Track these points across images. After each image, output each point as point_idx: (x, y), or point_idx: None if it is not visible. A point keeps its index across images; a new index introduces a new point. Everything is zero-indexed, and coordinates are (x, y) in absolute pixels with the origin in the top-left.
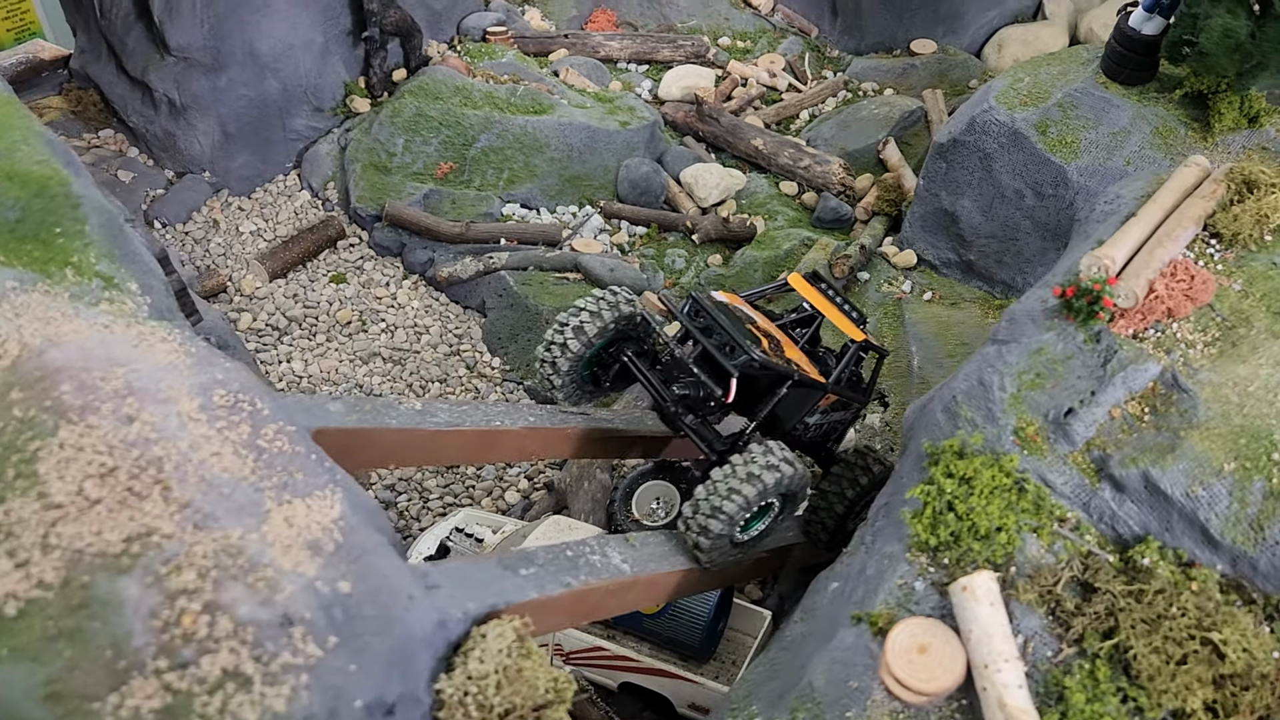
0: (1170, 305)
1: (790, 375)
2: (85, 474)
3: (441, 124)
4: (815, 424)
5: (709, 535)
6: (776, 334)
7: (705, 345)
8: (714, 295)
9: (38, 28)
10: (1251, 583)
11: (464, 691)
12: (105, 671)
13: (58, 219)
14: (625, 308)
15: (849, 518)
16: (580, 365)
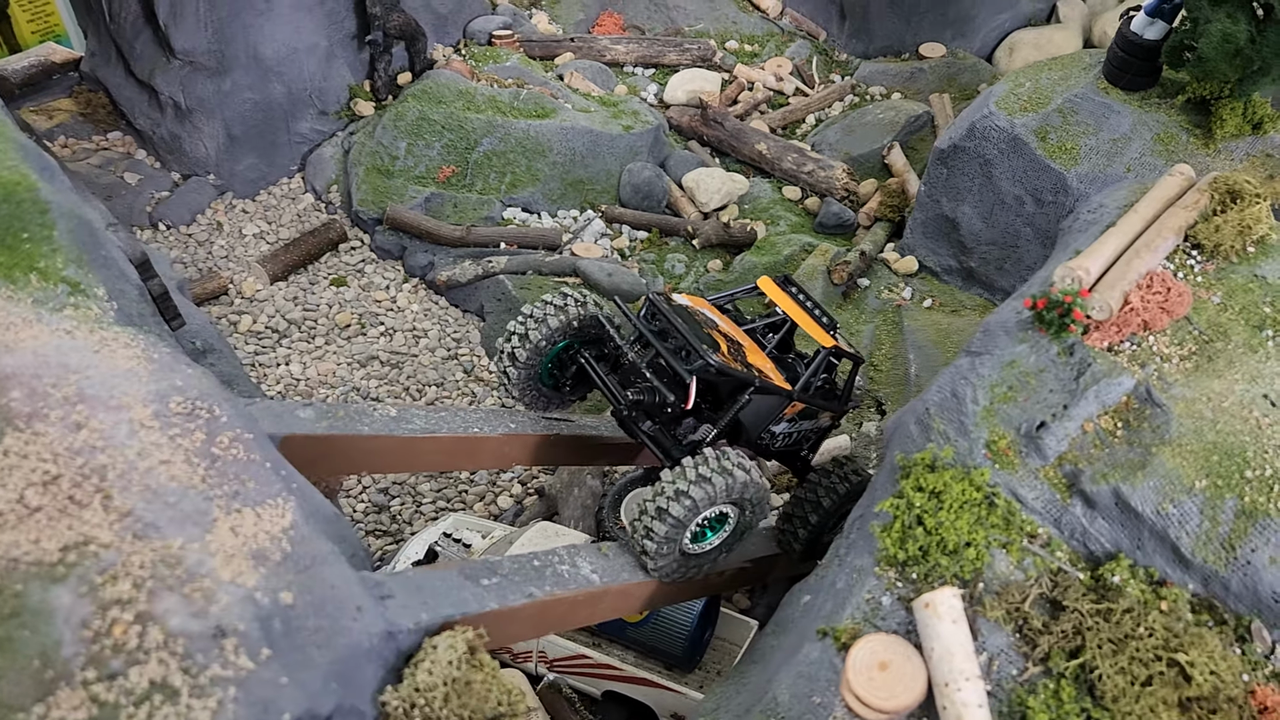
0: (1146, 318)
1: (751, 382)
2: (27, 481)
3: (444, 128)
4: (784, 433)
5: (654, 539)
6: (741, 339)
7: (659, 349)
8: (674, 298)
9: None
10: (1223, 603)
11: (410, 704)
12: (32, 681)
13: (25, 224)
14: (591, 308)
15: (824, 529)
16: (540, 362)
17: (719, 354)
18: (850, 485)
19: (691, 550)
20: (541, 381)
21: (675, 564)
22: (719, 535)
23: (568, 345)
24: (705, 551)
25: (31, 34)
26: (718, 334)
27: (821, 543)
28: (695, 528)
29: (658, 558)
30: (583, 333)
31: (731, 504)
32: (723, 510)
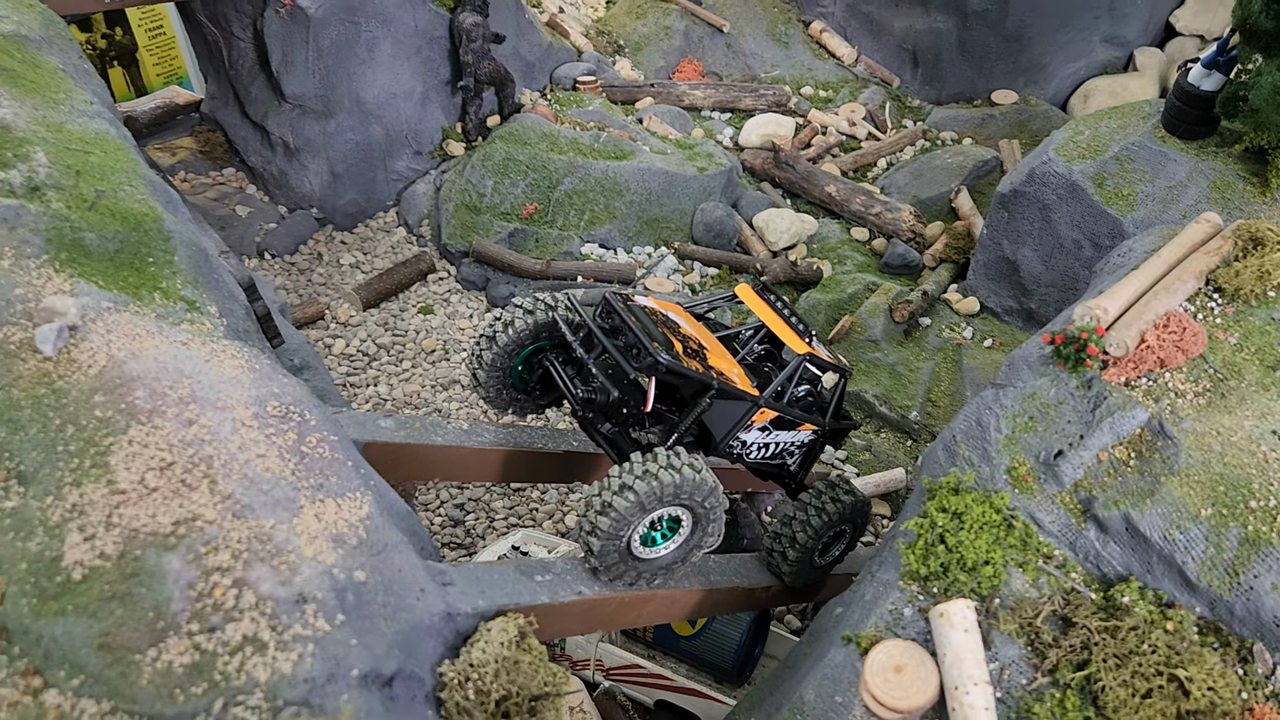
0: (1161, 355)
1: (709, 384)
2: (147, 466)
3: (529, 167)
4: (757, 443)
5: (598, 535)
6: (707, 342)
7: (605, 345)
8: (638, 299)
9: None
10: (1228, 626)
11: (464, 676)
12: (147, 630)
13: (150, 250)
14: (563, 312)
15: (813, 550)
16: (509, 365)
17: (673, 352)
18: (841, 506)
19: (641, 554)
20: (512, 385)
21: (622, 566)
22: (672, 541)
23: (537, 349)
24: (657, 558)
25: (157, 77)
26: (675, 335)
27: (814, 566)
28: (644, 529)
29: (603, 556)
30: (553, 337)
31: (684, 507)
32: (675, 514)
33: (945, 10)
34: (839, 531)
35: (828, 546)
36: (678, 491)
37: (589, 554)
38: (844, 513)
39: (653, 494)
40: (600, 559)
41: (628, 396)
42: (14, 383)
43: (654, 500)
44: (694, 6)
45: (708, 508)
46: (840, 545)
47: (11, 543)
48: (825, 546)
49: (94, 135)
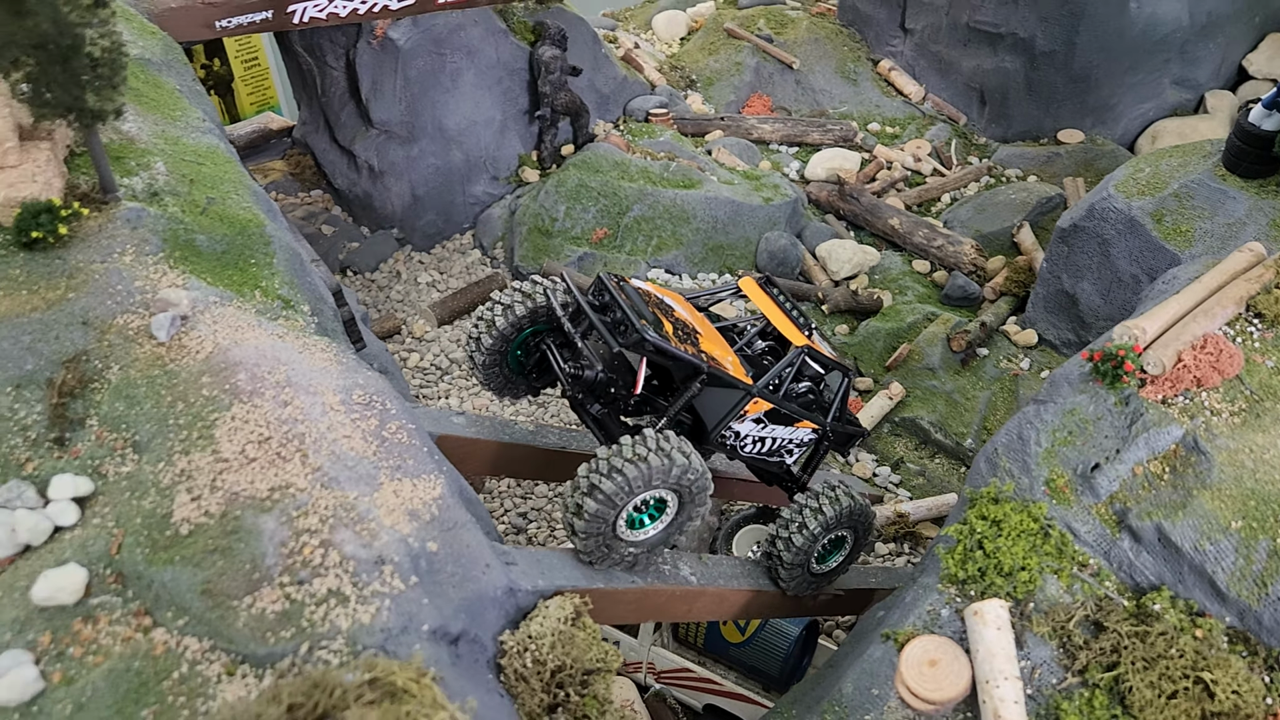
0: (1198, 375)
1: (696, 366)
2: (248, 440)
3: (600, 194)
4: (752, 436)
5: (584, 517)
6: (701, 328)
7: (593, 320)
8: (635, 282)
9: (275, 102)
10: (1256, 636)
11: (523, 646)
12: (244, 580)
13: (253, 252)
14: (563, 296)
15: (810, 555)
16: (507, 347)
17: (660, 332)
18: (839, 510)
19: (627, 536)
20: (509, 368)
21: (605, 549)
22: (658, 524)
23: (535, 332)
24: (642, 540)
25: (250, 106)
26: (668, 318)
27: (812, 574)
28: (631, 512)
29: (586, 537)
30: (550, 320)
31: (671, 491)
32: (661, 496)
33: (1013, 50)
34: (838, 538)
35: (826, 553)
36: (665, 475)
37: (571, 535)
38: (840, 517)
39: (640, 477)
40: (583, 540)
41: (616, 376)
42: (132, 364)
43: (642, 484)
44: (765, 44)
45: (695, 491)
46: (840, 553)
47: (128, 501)
48: (824, 553)
49: (206, 149)
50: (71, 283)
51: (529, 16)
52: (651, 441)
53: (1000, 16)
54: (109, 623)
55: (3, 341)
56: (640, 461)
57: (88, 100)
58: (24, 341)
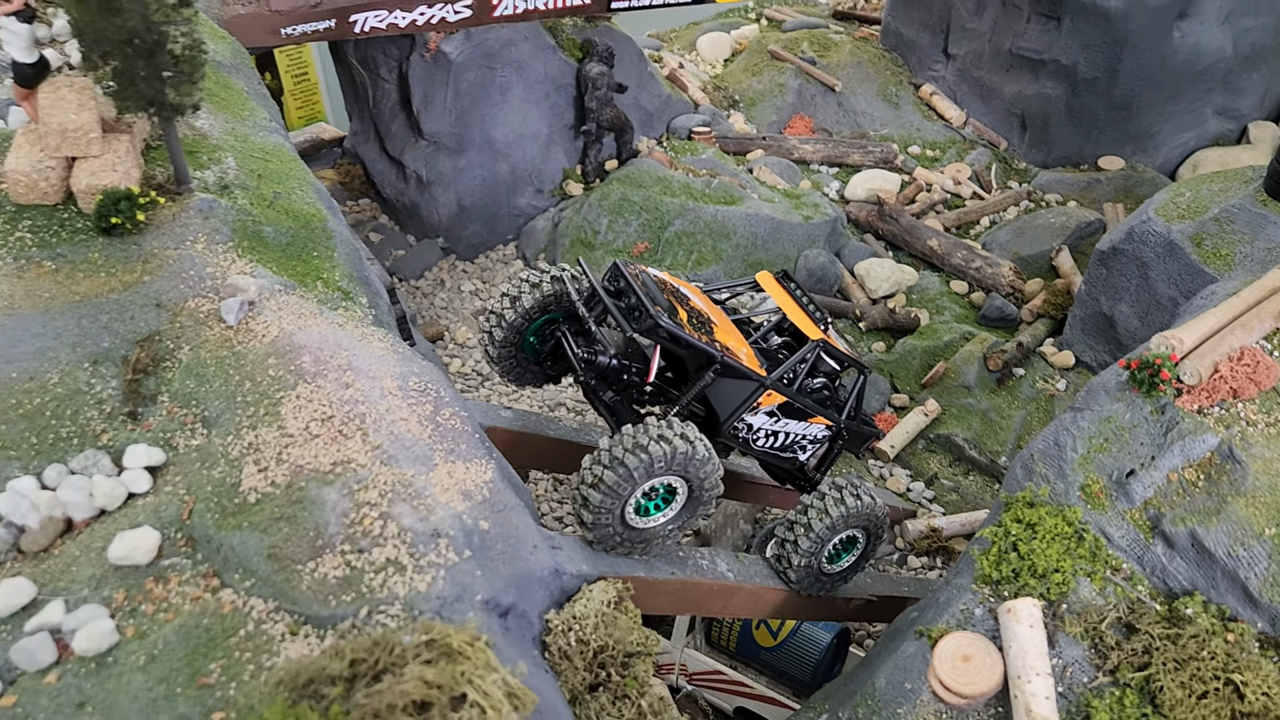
0: (1234, 386)
1: (709, 354)
2: (312, 417)
3: (642, 208)
4: (765, 430)
5: (589, 508)
6: (717, 318)
7: (607, 304)
8: (651, 271)
9: (322, 115)
10: None
11: (568, 625)
12: (308, 546)
13: (315, 245)
14: (571, 284)
15: (820, 555)
16: (521, 336)
17: (674, 319)
18: (846, 509)
19: (636, 524)
20: (526, 356)
21: (616, 535)
22: (667, 511)
23: (550, 320)
24: (651, 526)
25: (298, 118)
26: (683, 306)
27: (823, 573)
28: (639, 499)
29: (595, 527)
30: (565, 308)
31: (679, 477)
32: (670, 483)
33: (1055, 77)
34: (849, 538)
35: (837, 553)
36: (669, 462)
37: (580, 525)
38: (850, 516)
39: (642, 466)
40: (592, 530)
41: (630, 363)
42: (202, 345)
43: (643, 472)
44: (808, 66)
45: (702, 477)
46: (853, 553)
47: (199, 470)
48: (835, 553)
49: (272, 147)
50: (147, 267)
51: (578, 34)
52: (653, 430)
53: (1043, 43)
54: (179, 583)
55: (82, 320)
56: (641, 451)
57: (168, 95)
58: (101, 320)
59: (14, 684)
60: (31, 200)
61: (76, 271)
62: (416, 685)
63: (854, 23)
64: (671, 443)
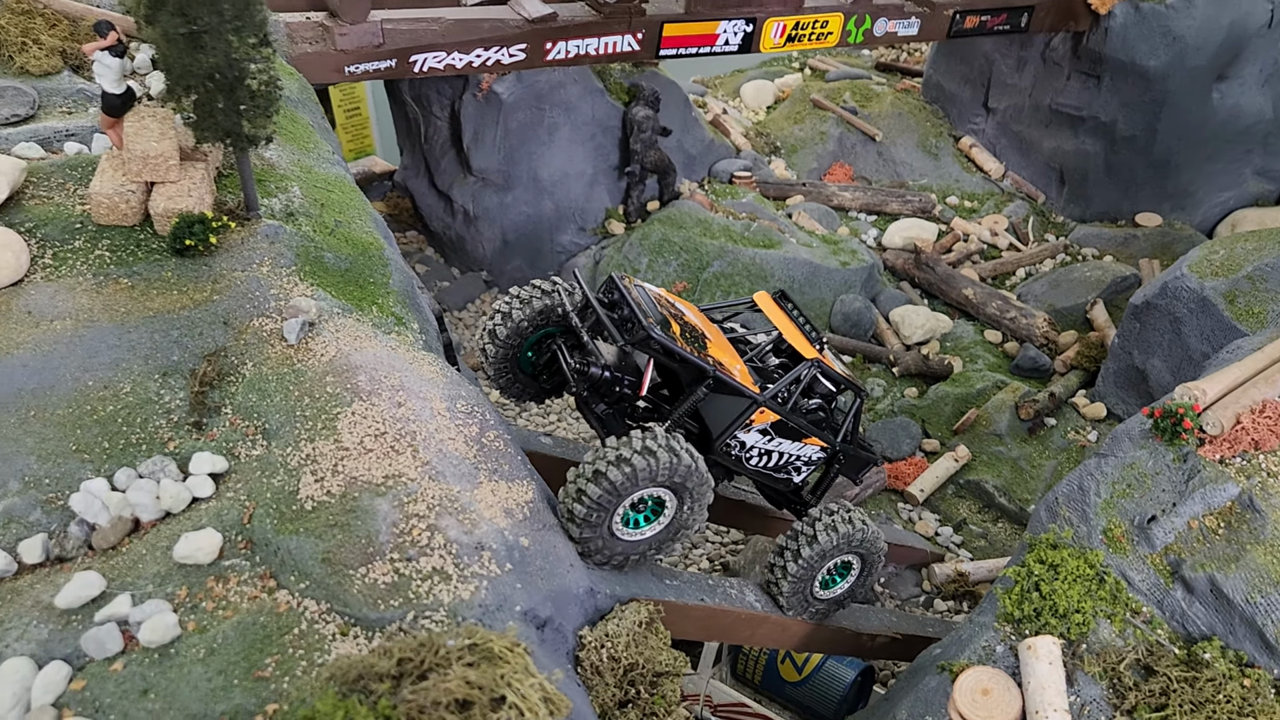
0: (1256, 438)
1: (702, 368)
2: (365, 433)
3: (682, 249)
4: (758, 449)
5: (575, 521)
6: (710, 333)
7: (600, 315)
8: (646, 286)
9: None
10: None
11: (600, 642)
12: (360, 552)
13: (372, 272)
14: (558, 297)
15: (812, 579)
16: (517, 351)
17: (667, 333)
18: (839, 535)
19: (622, 535)
20: (520, 367)
21: (604, 547)
22: (654, 526)
23: (547, 335)
24: (636, 540)
25: (349, 152)
26: (677, 321)
27: (814, 597)
28: (628, 510)
29: (585, 525)
30: (561, 322)
31: (669, 490)
32: (658, 495)
33: (1094, 134)
34: (844, 564)
35: (831, 579)
36: (671, 472)
37: (569, 520)
38: (842, 541)
39: (626, 479)
40: (580, 529)
41: (623, 375)
42: (264, 361)
43: (628, 484)
44: (850, 115)
45: (695, 494)
46: (846, 579)
47: (259, 479)
48: (828, 579)
49: (334, 178)
50: (216, 286)
51: (625, 78)
52: (661, 438)
53: (1083, 100)
54: (238, 582)
55: (155, 334)
56: (649, 455)
57: (244, 127)
58: (172, 335)
59: (83, 670)
60: (112, 221)
61: (151, 289)
62: (459, 685)
63: (896, 75)
64: (656, 455)
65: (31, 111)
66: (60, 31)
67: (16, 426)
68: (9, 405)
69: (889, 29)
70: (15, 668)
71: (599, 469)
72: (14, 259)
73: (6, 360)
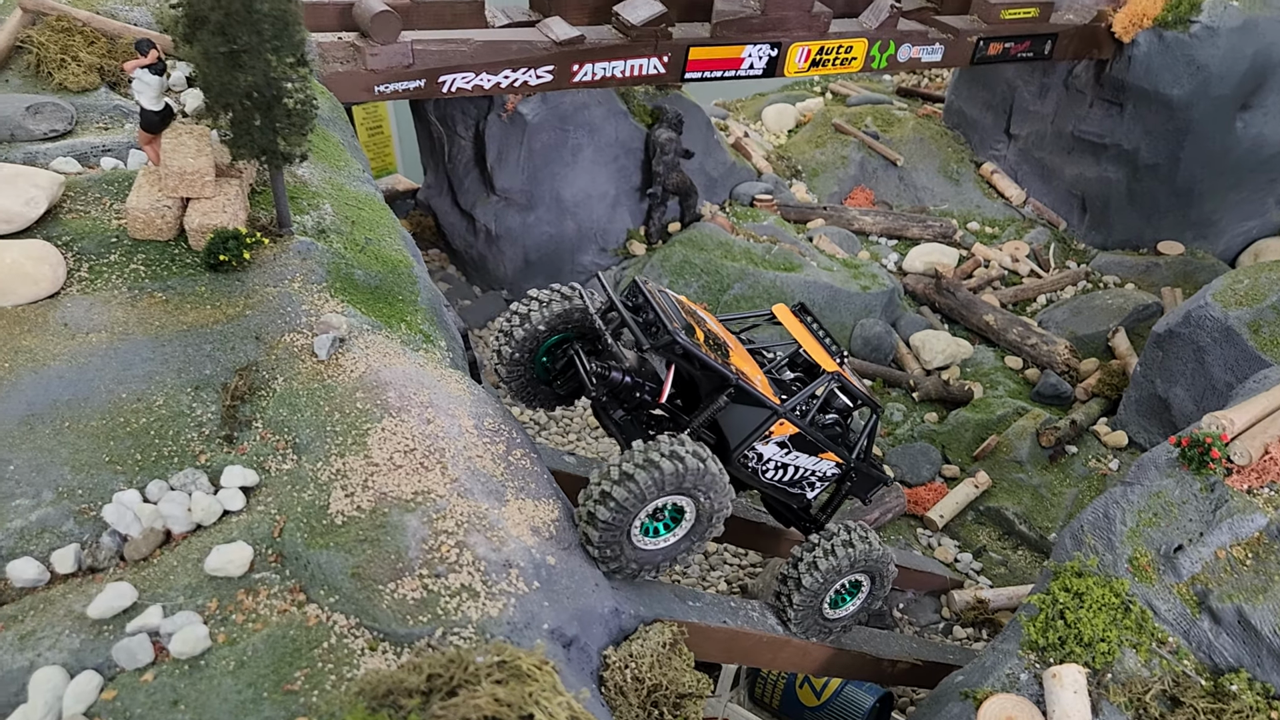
0: None
1: (727, 378)
2: (395, 449)
3: (703, 270)
4: (775, 462)
5: (596, 525)
6: (731, 343)
7: (624, 317)
8: (669, 292)
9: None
10: None
11: (624, 662)
12: (389, 568)
13: (401, 289)
14: (575, 301)
15: (823, 598)
16: (532, 355)
17: (691, 338)
18: (849, 554)
19: (641, 544)
20: (538, 377)
21: (622, 558)
22: (674, 533)
23: (563, 340)
24: (656, 549)
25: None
26: (700, 327)
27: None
28: (645, 519)
29: (603, 547)
30: (578, 327)
31: (686, 495)
32: (679, 504)
33: (1117, 161)
34: (854, 582)
35: (840, 598)
36: (679, 480)
37: (591, 525)
38: (857, 559)
39: (653, 483)
40: (599, 549)
41: (643, 380)
42: (295, 376)
43: (654, 488)
44: (871, 141)
45: (712, 499)
46: (855, 599)
47: (290, 492)
48: (838, 598)
49: (365, 196)
50: (248, 301)
51: (649, 100)
52: (665, 447)
53: (1105, 128)
54: (268, 595)
55: (188, 348)
56: (652, 467)
57: (279, 145)
58: (205, 349)
59: (114, 680)
60: (147, 235)
61: (185, 303)
62: (488, 701)
63: (917, 100)
64: (682, 459)
65: (69, 127)
66: (98, 49)
67: (51, 437)
68: (45, 416)
69: (913, 55)
70: (48, 676)
71: (626, 471)
72: (51, 272)
73: (43, 372)
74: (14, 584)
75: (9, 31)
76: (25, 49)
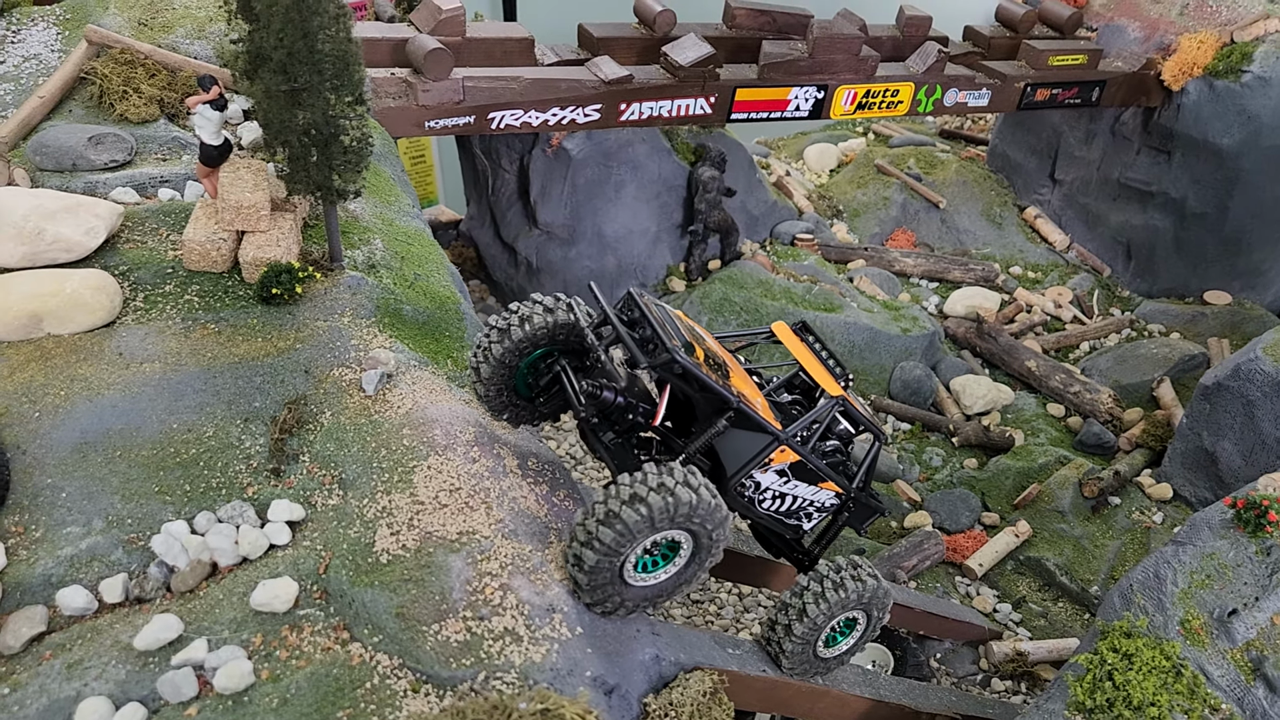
0: None
1: (725, 399)
2: (440, 488)
3: (743, 309)
4: (773, 491)
5: (582, 568)
6: (730, 363)
7: (620, 332)
8: (666, 305)
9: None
10: None
11: (664, 710)
12: (433, 609)
13: (448, 326)
14: (562, 314)
15: (820, 635)
16: (517, 363)
17: (691, 356)
18: (849, 593)
19: (634, 581)
20: (515, 389)
21: (615, 598)
22: (669, 568)
23: (547, 354)
24: (650, 585)
25: None
26: (700, 345)
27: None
28: (640, 554)
29: (593, 590)
30: (567, 343)
31: (683, 530)
32: (673, 537)
33: (1163, 209)
34: (850, 620)
35: (835, 636)
36: (671, 515)
37: (578, 569)
38: (860, 596)
39: (643, 520)
40: (590, 576)
41: (636, 401)
42: (342, 411)
43: (644, 526)
44: (914, 182)
45: (713, 538)
46: (850, 637)
47: (336, 529)
48: (832, 637)
49: (414, 231)
50: (299, 335)
51: (692, 138)
52: (652, 479)
53: (1152, 175)
54: (312, 632)
55: (239, 380)
56: (640, 503)
57: (334, 181)
58: (255, 382)
59: (158, 713)
60: (202, 267)
61: (236, 335)
62: None
63: (960, 142)
64: (673, 493)
65: (129, 158)
66: (159, 81)
67: (103, 465)
68: (97, 445)
69: (959, 99)
70: (94, 707)
71: (613, 509)
72: (108, 301)
73: (97, 400)
74: (63, 612)
75: (74, 63)
76: (89, 80)
